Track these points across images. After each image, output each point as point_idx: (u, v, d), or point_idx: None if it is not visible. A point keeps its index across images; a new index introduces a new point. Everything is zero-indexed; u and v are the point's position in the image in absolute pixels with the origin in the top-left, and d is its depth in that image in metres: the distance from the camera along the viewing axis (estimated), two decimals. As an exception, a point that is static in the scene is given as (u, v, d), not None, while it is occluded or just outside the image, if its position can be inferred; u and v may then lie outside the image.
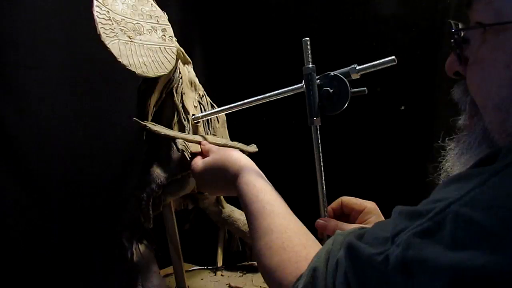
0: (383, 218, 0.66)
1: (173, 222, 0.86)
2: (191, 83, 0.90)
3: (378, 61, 0.63)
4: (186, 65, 0.91)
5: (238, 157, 0.69)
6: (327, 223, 0.64)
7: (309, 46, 0.67)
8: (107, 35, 0.71)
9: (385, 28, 1.15)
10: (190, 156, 0.79)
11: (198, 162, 0.76)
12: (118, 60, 0.71)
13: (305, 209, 0.64)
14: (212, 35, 1.32)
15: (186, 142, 0.79)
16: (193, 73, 0.92)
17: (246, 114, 0.89)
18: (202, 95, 0.92)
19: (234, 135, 0.99)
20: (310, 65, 0.66)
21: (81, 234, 1.02)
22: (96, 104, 1.08)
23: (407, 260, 0.33)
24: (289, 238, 0.51)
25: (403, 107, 1.17)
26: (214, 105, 0.94)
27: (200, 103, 0.90)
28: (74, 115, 1.04)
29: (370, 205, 0.67)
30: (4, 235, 0.91)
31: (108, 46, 0.71)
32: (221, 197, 0.99)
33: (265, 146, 0.96)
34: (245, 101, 0.76)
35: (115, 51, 0.71)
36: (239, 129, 1.02)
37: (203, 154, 0.80)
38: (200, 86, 0.93)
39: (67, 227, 1.01)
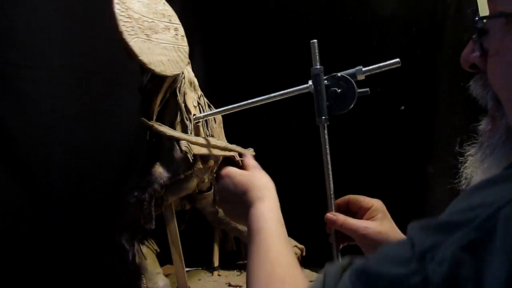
0: (389, 216, 0.67)
1: (174, 223, 0.85)
2: (191, 83, 0.90)
3: (383, 63, 0.66)
4: (186, 65, 0.91)
5: (263, 185, 0.63)
6: (336, 218, 0.66)
7: (316, 48, 0.69)
8: (128, 33, 0.70)
9: (385, 28, 1.15)
10: (193, 158, 0.78)
11: (228, 171, 0.68)
12: (139, 58, 0.70)
13: (309, 205, 0.64)
14: (212, 35, 1.32)
15: (189, 144, 0.79)
16: (192, 73, 0.92)
17: (247, 114, 0.89)
18: (200, 95, 0.92)
19: (235, 135, 0.99)
20: (318, 66, 0.68)
21: (81, 234, 1.02)
22: (96, 104, 1.08)
23: (459, 280, 0.29)
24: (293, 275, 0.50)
25: (403, 107, 1.17)
26: (211, 105, 0.94)
27: (198, 103, 0.90)
28: (74, 115, 1.04)
29: (376, 203, 0.68)
30: (4, 235, 0.91)
31: (130, 43, 0.69)
32: (218, 197, 0.99)
33: (266, 145, 0.96)
34: (250, 100, 0.76)
35: (136, 49, 0.70)
36: (239, 129, 1.01)
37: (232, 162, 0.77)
38: (198, 86, 0.93)
39: (67, 227, 1.01)
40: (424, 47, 1.14)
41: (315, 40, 0.69)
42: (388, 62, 0.65)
